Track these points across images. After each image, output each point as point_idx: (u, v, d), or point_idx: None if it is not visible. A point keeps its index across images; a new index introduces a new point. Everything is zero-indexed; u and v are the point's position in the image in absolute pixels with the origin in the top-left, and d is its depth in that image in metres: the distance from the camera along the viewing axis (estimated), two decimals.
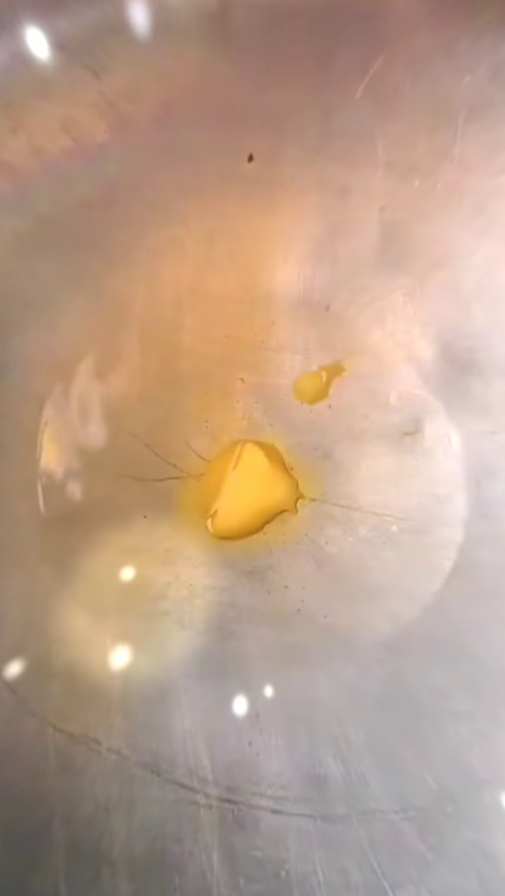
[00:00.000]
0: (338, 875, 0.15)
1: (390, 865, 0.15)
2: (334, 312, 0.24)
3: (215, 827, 0.16)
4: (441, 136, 0.20)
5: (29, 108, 0.19)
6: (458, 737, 0.17)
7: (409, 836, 0.15)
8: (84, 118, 0.19)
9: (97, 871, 0.15)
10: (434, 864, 0.14)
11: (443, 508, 0.22)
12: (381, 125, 0.20)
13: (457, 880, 0.14)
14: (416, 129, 0.20)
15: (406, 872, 0.14)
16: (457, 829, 0.15)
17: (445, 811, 0.15)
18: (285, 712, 0.18)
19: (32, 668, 0.18)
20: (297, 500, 0.22)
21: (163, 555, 0.22)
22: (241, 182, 0.22)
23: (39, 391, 0.23)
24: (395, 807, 0.16)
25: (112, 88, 0.19)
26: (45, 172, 0.20)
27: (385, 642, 0.20)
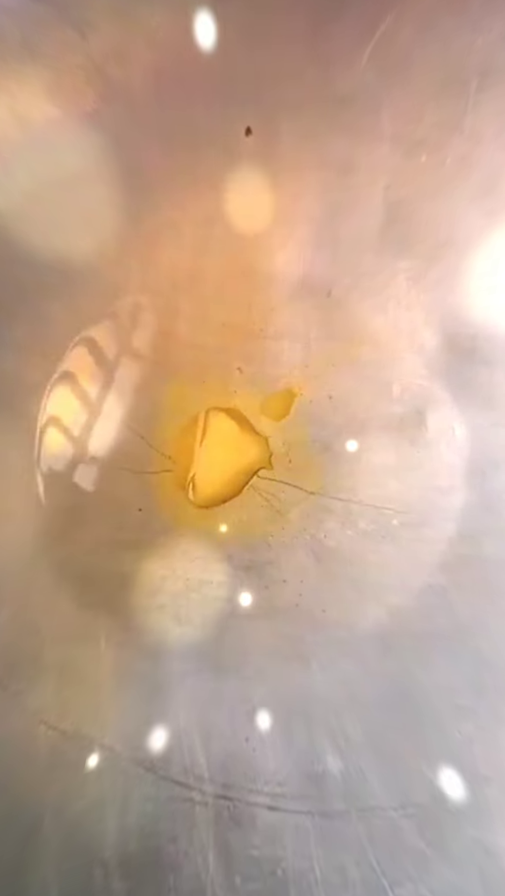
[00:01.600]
0: (336, 873, 0.14)
1: (389, 863, 0.14)
2: (335, 298, 0.23)
3: (211, 825, 0.15)
4: (451, 106, 0.18)
5: (10, 70, 0.17)
6: (460, 733, 0.17)
7: (408, 834, 0.15)
8: (71, 84, 0.18)
9: (89, 870, 0.14)
10: (434, 862, 0.14)
11: (445, 501, 0.22)
12: (387, 94, 0.19)
13: (457, 878, 0.14)
14: (424, 98, 0.19)
15: (405, 870, 0.14)
16: (458, 826, 0.15)
17: (445, 808, 0.15)
18: (283, 708, 0.18)
19: (25, 664, 0.18)
20: (270, 455, 0.22)
21: (159, 549, 0.21)
22: (240, 159, 0.21)
23: (32, 380, 0.22)
24: (394, 804, 0.15)
25: (100, 50, 0.18)
26: (30, 144, 0.19)
27: (385, 637, 0.20)
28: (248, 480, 0.22)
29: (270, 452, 0.22)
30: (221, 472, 0.22)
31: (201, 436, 0.22)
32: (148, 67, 0.18)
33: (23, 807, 0.15)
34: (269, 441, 0.22)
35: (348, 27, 0.18)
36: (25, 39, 0.17)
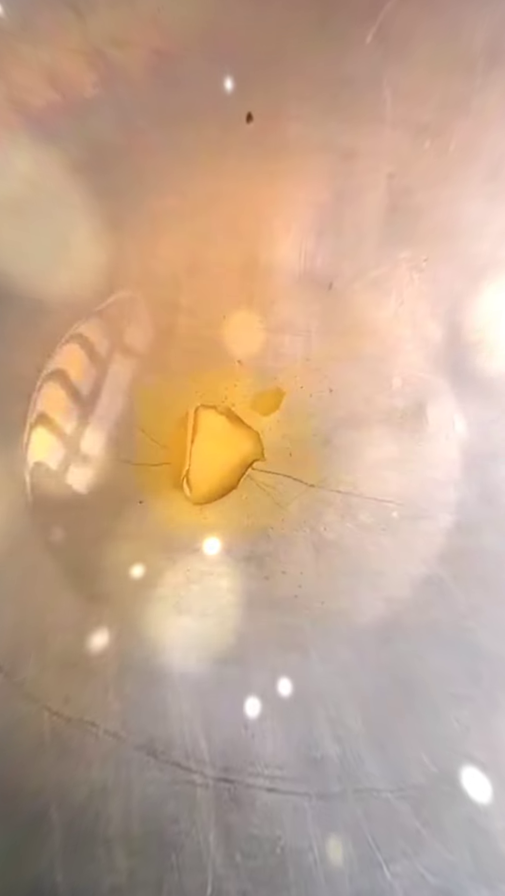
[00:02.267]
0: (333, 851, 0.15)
1: (385, 841, 0.15)
2: (337, 290, 0.23)
3: (212, 806, 0.16)
4: (458, 88, 0.18)
5: (8, 54, 0.17)
6: (456, 720, 0.17)
7: (403, 814, 0.15)
8: (70, 68, 0.18)
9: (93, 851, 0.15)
10: (428, 840, 0.15)
11: (444, 494, 0.22)
12: (390, 74, 0.18)
13: (451, 856, 0.14)
14: (429, 80, 0.18)
15: (400, 848, 0.15)
16: (452, 808, 0.15)
17: (441, 790, 0.16)
18: (281, 696, 0.19)
19: (28, 652, 0.18)
20: (262, 449, 0.22)
21: (159, 540, 0.22)
22: (241, 145, 0.20)
23: (28, 372, 0.22)
24: (391, 786, 0.16)
25: (99, 33, 0.17)
26: (30, 130, 0.18)
27: (383, 627, 0.20)
28: (243, 473, 0.22)
29: (262, 445, 0.22)
30: (215, 468, 0.22)
31: (192, 433, 0.22)
32: (148, 50, 0.18)
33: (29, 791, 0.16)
34: (261, 434, 0.22)
35: (352, 6, 0.17)
36: (24, 23, 0.17)
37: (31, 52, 0.17)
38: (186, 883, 0.14)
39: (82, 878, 0.14)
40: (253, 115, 0.19)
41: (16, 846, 0.15)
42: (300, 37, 0.18)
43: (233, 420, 0.23)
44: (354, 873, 0.15)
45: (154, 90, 0.19)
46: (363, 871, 0.15)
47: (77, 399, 0.22)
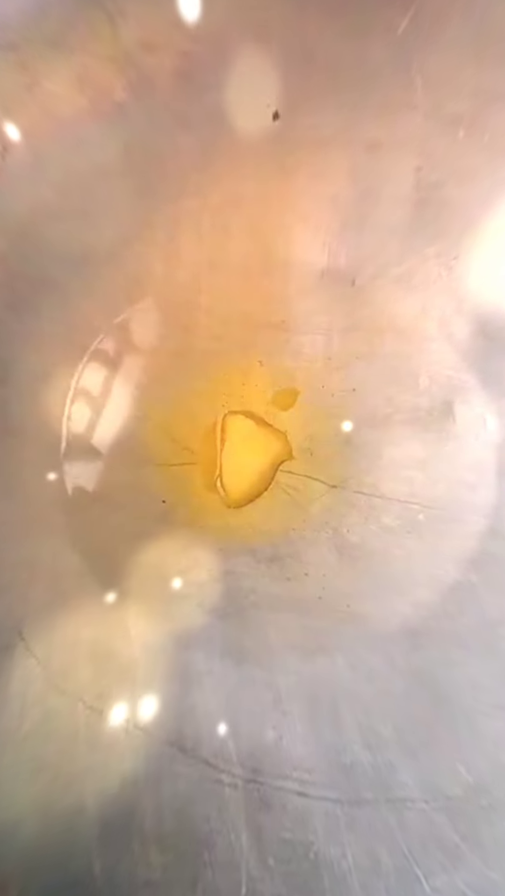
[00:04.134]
0: (368, 860, 0.15)
1: (422, 854, 0.14)
2: (360, 287, 0.22)
3: (241, 806, 0.16)
4: (493, 75, 0.17)
5: (41, 63, 0.18)
6: (492, 730, 0.16)
7: (440, 826, 0.15)
8: (100, 74, 0.18)
9: (129, 844, 0.15)
10: (468, 855, 0.14)
11: (474, 496, 0.21)
12: (421, 63, 0.17)
13: (491, 874, 0.14)
14: (463, 68, 0.17)
15: (439, 862, 0.14)
16: (492, 822, 0.15)
17: (479, 803, 0.15)
18: (309, 699, 0.18)
19: (61, 646, 0.19)
20: (291, 448, 0.22)
21: (182, 539, 0.22)
22: (264, 139, 0.20)
23: (56, 373, 0.22)
24: (426, 796, 0.15)
25: (130, 39, 0.17)
26: (60, 136, 0.19)
27: (412, 633, 0.19)
28: (274, 474, 0.22)
29: (290, 445, 0.22)
30: (247, 471, 0.22)
31: (221, 439, 0.22)
32: (177, 54, 0.18)
33: (66, 786, 0.16)
34: (288, 434, 0.22)
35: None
36: (57, 32, 0.17)
37: (62, 59, 0.18)
38: (221, 882, 0.15)
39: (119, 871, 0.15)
40: (279, 113, 0.19)
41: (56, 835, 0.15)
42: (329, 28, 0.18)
43: (259, 422, 0.23)
44: (390, 885, 0.14)
45: (181, 92, 0.19)
46: (401, 884, 0.14)
47: (103, 401, 0.23)
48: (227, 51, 0.18)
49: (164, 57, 0.18)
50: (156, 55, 0.18)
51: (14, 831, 0.15)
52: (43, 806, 0.15)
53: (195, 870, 0.14)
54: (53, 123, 0.18)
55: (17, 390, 0.21)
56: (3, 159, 0.19)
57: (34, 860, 0.14)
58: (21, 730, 0.17)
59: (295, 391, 0.23)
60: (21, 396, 0.22)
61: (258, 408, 0.23)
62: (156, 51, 0.18)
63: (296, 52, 0.18)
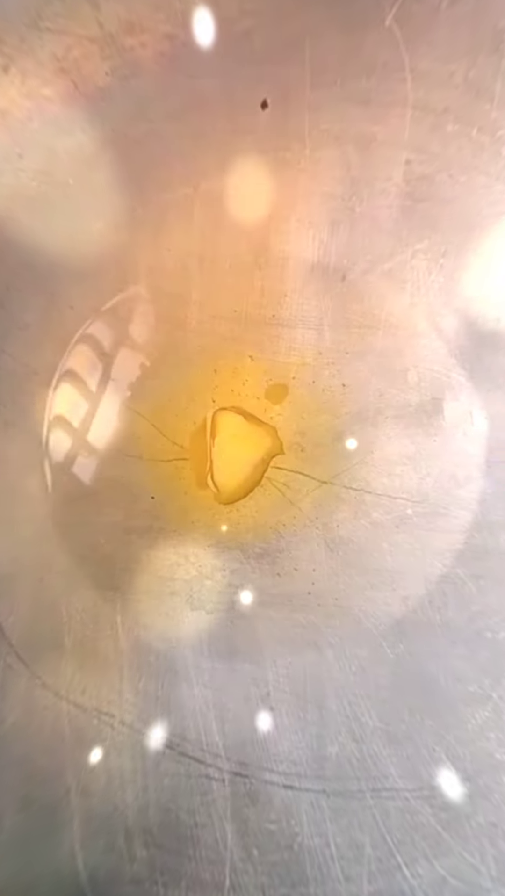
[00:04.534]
0: (351, 849, 0.15)
1: (404, 842, 0.15)
2: (350, 283, 0.22)
3: (228, 800, 0.16)
4: (481, 69, 0.17)
5: (22, 46, 0.17)
6: (474, 719, 0.17)
7: (422, 815, 0.15)
8: (83, 57, 0.17)
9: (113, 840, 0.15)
10: (449, 843, 0.14)
11: (462, 491, 0.21)
12: (412, 58, 0.17)
13: (472, 860, 0.14)
14: (453, 62, 0.17)
15: (420, 849, 0.14)
16: (473, 810, 0.15)
17: (461, 792, 0.15)
18: (296, 692, 0.18)
19: (46, 643, 0.19)
20: (281, 443, 0.22)
21: (171, 536, 0.22)
22: (254, 131, 0.20)
23: (42, 366, 0.22)
24: (409, 786, 0.16)
25: (112, 18, 0.17)
26: (40, 120, 0.18)
27: (399, 625, 0.19)
28: (266, 468, 0.22)
29: (280, 440, 0.22)
30: (240, 467, 0.22)
31: (211, 436, 0.22)
32: (160, 36, 0.17)
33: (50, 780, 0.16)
34: (278, 430, 0.22)
35: None
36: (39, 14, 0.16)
37: (44, 42, 0.17)
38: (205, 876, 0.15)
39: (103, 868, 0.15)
40: (268, 102, 0.19)
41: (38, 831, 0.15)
42: (318, 20, 0.17)
43: (249, 418, 0.23)
44: (372, 872, 0.15)
45: (166, 77, 0.19)
46: (382, 871, 0.15)
47: (89, 395, 0.22)
48: (214, 38, 0.18)
49: (147, 40, 0.17)
50: (139, 38, 0.17)
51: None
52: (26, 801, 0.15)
53: (179, 864, 0.14)
54: (33, 107, 0.18)
55: (1, 382, 0.21)
56: None
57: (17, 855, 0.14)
58: (4, 726, 0.16)
59: (286, 386, 0.23)
60: (6, 388, 0.21)
61: (249, 403, 0.23)
62: (139, 33, 0.17)
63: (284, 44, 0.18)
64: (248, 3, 0.17)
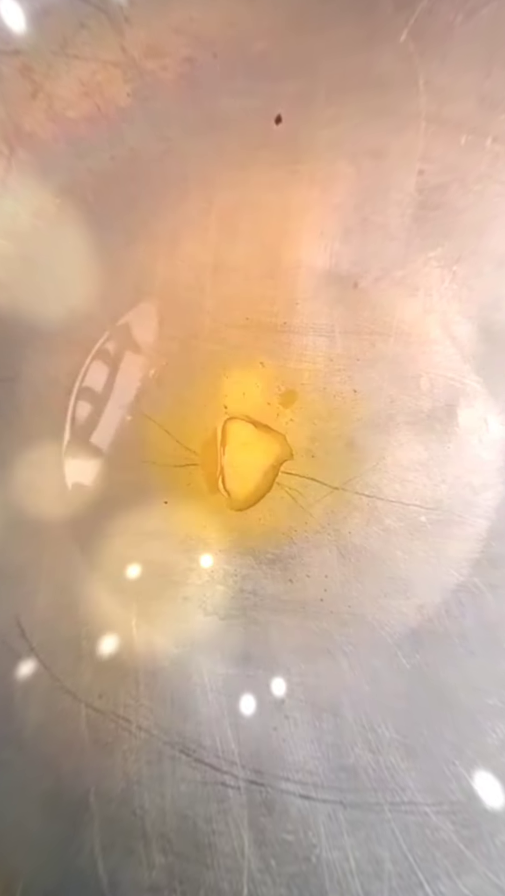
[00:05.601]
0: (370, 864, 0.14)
1: (424, 858, 0.14)
2: (363, 290, 0.22)
3: (244, 808, 0.16)
4: (496, 81, 0.17)
5: (48, 70, 0.18)
6: (495, 734, 0.16)
7: (443, 831, 0.15)
8: (106, 80, 0.18)
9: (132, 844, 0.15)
10: (472, 861, 0.14)
11: (477, 499, 0.21)
12: (426, 71, 0.18)
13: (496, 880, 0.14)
14: (467, 73, 0.17)
15: (442, 866, 0.14)
16: (496, 827, 0.15)
17: (484, 808, 0.15)
18: (310, 701, 0.18)
19: (64, 647, 0.19)
20: (290, 449, 0.22)
21: (184, 540, 0.22)
22: (268, 146, 0.20)
23: (61, 374, 0.22)
24: (428, 800, 0.15)
25: (135, 43, 0.17)
26: (65, 141, 0.19)
27: (414, 634, 0.19)
28: (276, 474, 0.22)
29: (290, 446, 0.22)
30: (249, 474, 0.22)
31: (222, 443, 0.22)
32: (180, 59, 0.18)
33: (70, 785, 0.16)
34: (289, 436, 0.22)
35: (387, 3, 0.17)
36: (66, 42, 0.17)
37: (70, 68, 0.18)
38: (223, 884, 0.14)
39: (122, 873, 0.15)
40: (282, 117, 0.19)
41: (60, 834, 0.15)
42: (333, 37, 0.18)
43: (258, 426, 0.23)
44: (393, 889, 0.14)
45: (185, 97, 0.19)
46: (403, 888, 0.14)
47: (107, 402, 0.23)
48: (232, 58, 0.18)
49: (168, 63, 0.18)
50: (160, 61, 0.18)
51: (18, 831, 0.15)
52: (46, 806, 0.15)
53: (198, 872, 0.14)
54: (59, 129, 0.19)
55: (22, 390, 0.22)
56: (9, 163, 0.19)
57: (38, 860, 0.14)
58: (25, 730, 0.17)
59: (297, 393, 0.23)
60: (26, 396, 0.22)
61: (260, 409, 0.23)
62: (160, 57, 0.18)
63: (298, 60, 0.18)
64: (265, 22, 0.18)
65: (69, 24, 0.17)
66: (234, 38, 0.18)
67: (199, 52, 0.18)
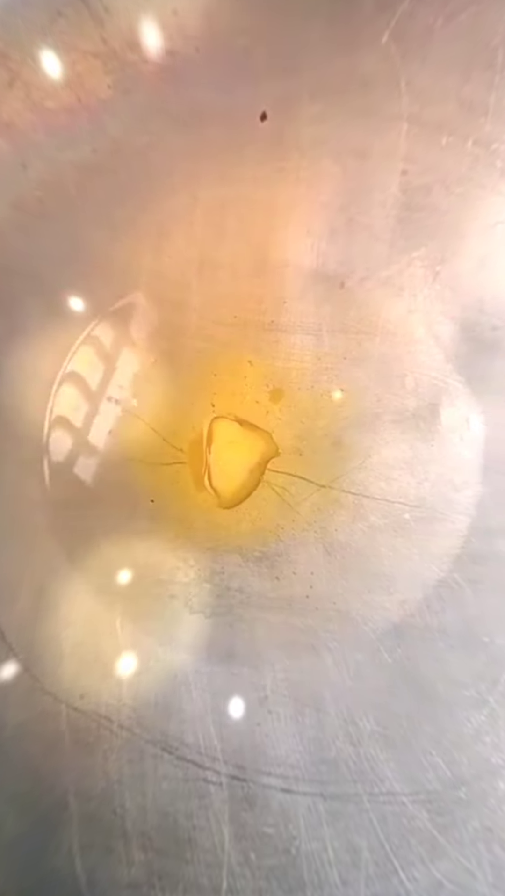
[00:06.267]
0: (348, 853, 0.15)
1: (401, 846, 0.15)
2: (349, 289, 0.23)
3: (225, 803, 0.16)
4: (476, 84, 0.18)
5: (28, 60, 0.17)
6: (471, 723, 0.17)
7: (419, 819, 0.15)
8: (86, 71, 0.18)
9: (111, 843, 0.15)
10: (445, 847, 0.14)
11: (459, 496, 0.21)
12: (407, 73, 0.18)
13: (468, 864, 0.14)
14: (447, 76, 0.18)
15: (417, 853, 0.14)
16: (469, 815, 0.15)
17: (458, 796, 0.15)
18: (293, 696, 0.19)
19: (45, 647, 0.19)
20: (277, 446, 0.22)
21: (170, 539, 0.22)
22: (253, 144, 0.20)
23: (43, 371, 0.22)
24: (406, 790, 0.16)
25: (115, 34, 0.17)
26: (45, 133, 0.19)
27: (396, 629, 0.20)
28: (263, 471, 0.22)
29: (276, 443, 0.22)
30: (238, 471, 0.22)
31: (208, 443, 0.22)
32: (163, 52, 0.18)
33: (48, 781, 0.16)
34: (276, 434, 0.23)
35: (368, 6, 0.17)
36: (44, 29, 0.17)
37: (51, 58, 0.18)
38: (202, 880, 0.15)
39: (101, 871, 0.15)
40: (267, 114, 0.19)
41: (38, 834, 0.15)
42: (316, 37, 0.18)
43: (244, 424, 0.23)
44: (370, 876, 0.15)
45: (167, 90, 0.19)
46: (379, 875, 0.15)
47: (90, 399, 0.23)
48: (213, 53, 0.18)
49: (149, 55, 0.18)
50: (141, 53, 0.18)
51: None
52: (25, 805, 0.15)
53: (177, 868, 0.14)
54: (37, 118, 0.18)
55: (3, 387, 0.21)
56: None
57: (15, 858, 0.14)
58: (4, 730, 0.16)
59: (284, 391, 0.23)
60: (7, 393, 0.21)
61: (248, 406, 0.23)
62: (141, 49, 0.18)
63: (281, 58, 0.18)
64: (248, 19, 0.18)
65: (46, 12, 0.17)
66: (217, 34, 0.18)
67: (181, 46, 0.18)
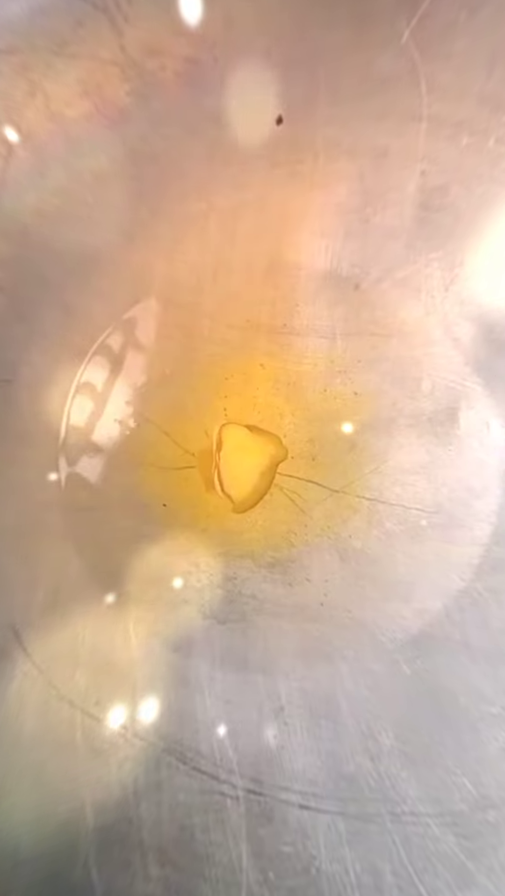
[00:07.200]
0: (371, 876, 0.14)
1: (427, 872, 0.14)
2: (364, 291, 0.22)
3: (242, 818, 0.15)
4: (497, 81, 0.17)
5: (46, 69, 0.18)
6: (497, 742, 0.16)
7: (445, 843, 0.14)
8: (104, 79, 0.18)
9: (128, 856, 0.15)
10: (475, 875, 0.14)
11: (478, 502, 0.21)
12: (427, 72, 0.17)
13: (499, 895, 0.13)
14: (468, 73, 0.17)
15: (444, 880, 0.14)
16: (500, 841, 0.14)
17: (486, 819, 0.15)
18: (310, 707, 0.18)
19: (60, 653, 0.19)
20: (286, 449, 0.22)
21: (183, 544, 0.22)
22: (268, 147, 0.20)
23: (58, 375, 0.22)
24: (430, 811, 0.15)
25: (134, 43, 0.17)
26: (63, 140, 0.19)
27: (414, 640, 0.19)
28: (273, 474, 0.22)
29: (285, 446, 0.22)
30: (249, 475, 0.22)
31: (218, 447, 0.22)
32: (180, 59, 0.18)
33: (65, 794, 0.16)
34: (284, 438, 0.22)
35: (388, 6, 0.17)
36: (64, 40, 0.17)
37: (65, 64, 0.18)
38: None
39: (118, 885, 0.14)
40: (282, 117, 0.19)
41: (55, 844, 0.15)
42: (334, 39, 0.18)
43: (254, 429, 0.23)
44: None
45: (184, 96, 0.19)
46: None
47: (104, 403, 0.23)
48: (231, 58, 0.18)
49: (168, 63, 0.18)
50: (160, 61, 0.18)
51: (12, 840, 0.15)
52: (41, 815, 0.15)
53: (195, 885, 0.14)
54: (56, 127, 0.19)
55: (20, 391, 0.21)
56: (7, 163, 0.19)
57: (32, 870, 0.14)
58: (19, 737, 0.16)
59: (297, 394, 0.23)
60: (24, 398, 0.22)
61: (260, 410, 0.23)
62: (160, 56, 0.18)
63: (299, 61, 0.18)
64: (266, 22, 0.18)
65: (66, 22, 0.17)
66: (235, 39, 0.18)
67: (199, 53, 0.18)
